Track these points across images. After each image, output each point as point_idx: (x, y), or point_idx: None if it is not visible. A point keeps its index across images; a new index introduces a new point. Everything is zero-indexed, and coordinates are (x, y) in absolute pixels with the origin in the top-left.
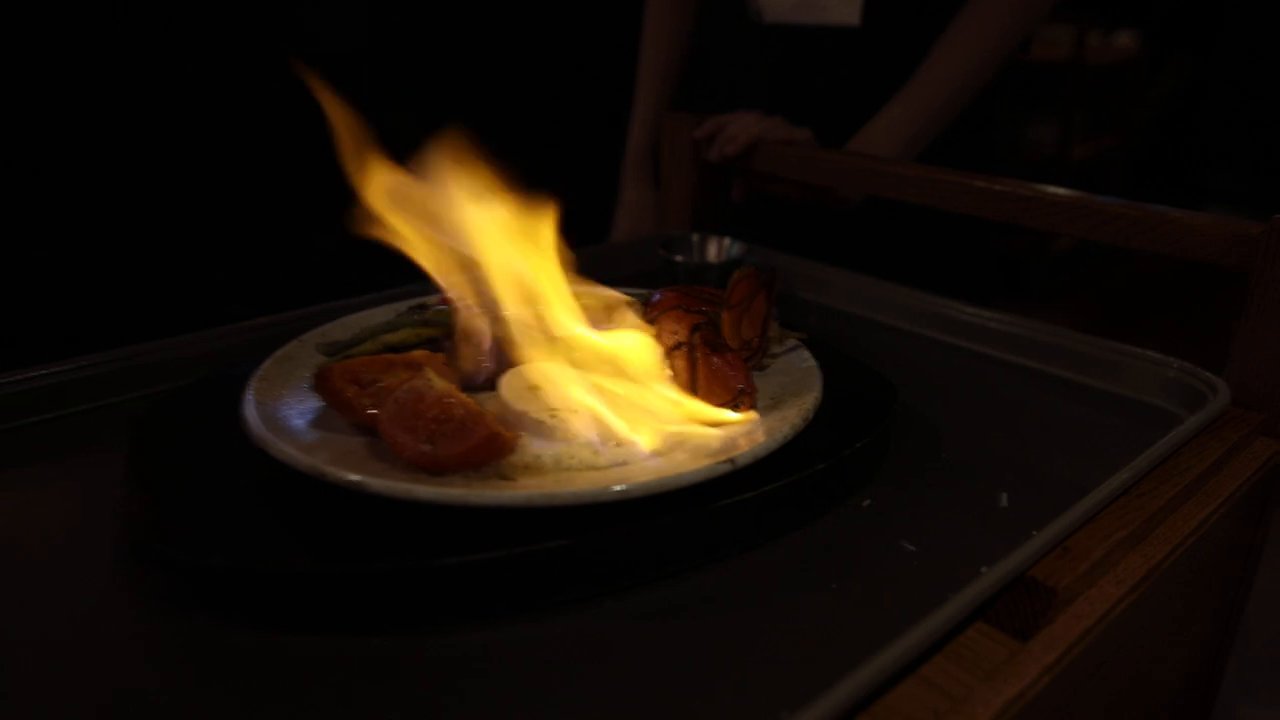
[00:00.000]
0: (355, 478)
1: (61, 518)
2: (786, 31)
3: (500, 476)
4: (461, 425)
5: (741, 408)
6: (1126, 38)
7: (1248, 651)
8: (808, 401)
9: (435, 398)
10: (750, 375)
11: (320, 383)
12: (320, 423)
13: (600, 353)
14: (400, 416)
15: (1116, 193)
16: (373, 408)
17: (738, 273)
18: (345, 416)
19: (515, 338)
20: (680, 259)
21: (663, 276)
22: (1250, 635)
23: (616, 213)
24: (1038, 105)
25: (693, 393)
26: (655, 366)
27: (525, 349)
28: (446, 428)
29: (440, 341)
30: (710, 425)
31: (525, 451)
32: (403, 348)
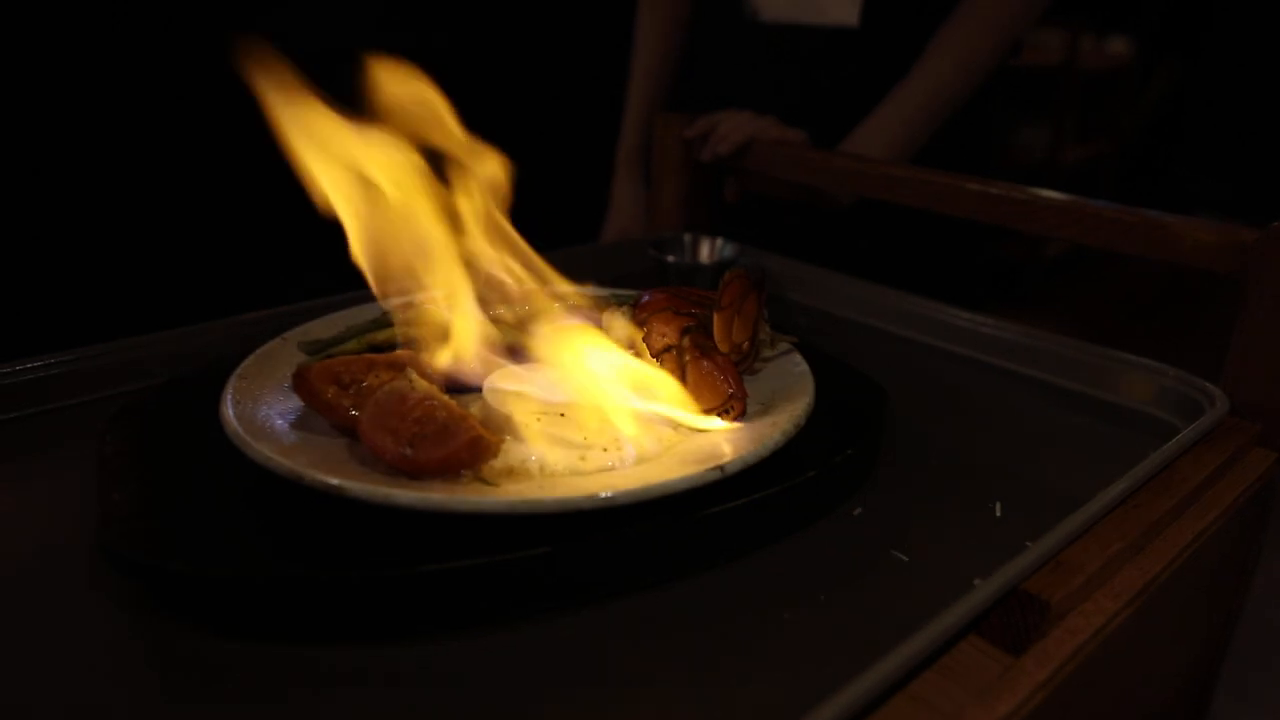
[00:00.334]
0: (334, 481)
1: (32, 517)
2: (782, 30)
3: (483, 481)
4: (444, 428)
5: (731, 413)
6: (1119, 43)
7: (1241, 662)
8: (799, 408)
9: (417, 399)
10: (740, 380)
11: (299, 383)
12: (300, 424)
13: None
14: (381, 418)
15: (1106, 198)
16: (353, 409)
17: (729, 273)
18: (325, 418)
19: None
20: (671, 259)
21: (654, 277)
22: (1244, 646)
23: (607, 213)
24: (1029, 110)
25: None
26: (653, 373)
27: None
28: (428, 430)
29: (425, 341)
30: (699, 431)
31: (509, 456)
32: (387, 347)
